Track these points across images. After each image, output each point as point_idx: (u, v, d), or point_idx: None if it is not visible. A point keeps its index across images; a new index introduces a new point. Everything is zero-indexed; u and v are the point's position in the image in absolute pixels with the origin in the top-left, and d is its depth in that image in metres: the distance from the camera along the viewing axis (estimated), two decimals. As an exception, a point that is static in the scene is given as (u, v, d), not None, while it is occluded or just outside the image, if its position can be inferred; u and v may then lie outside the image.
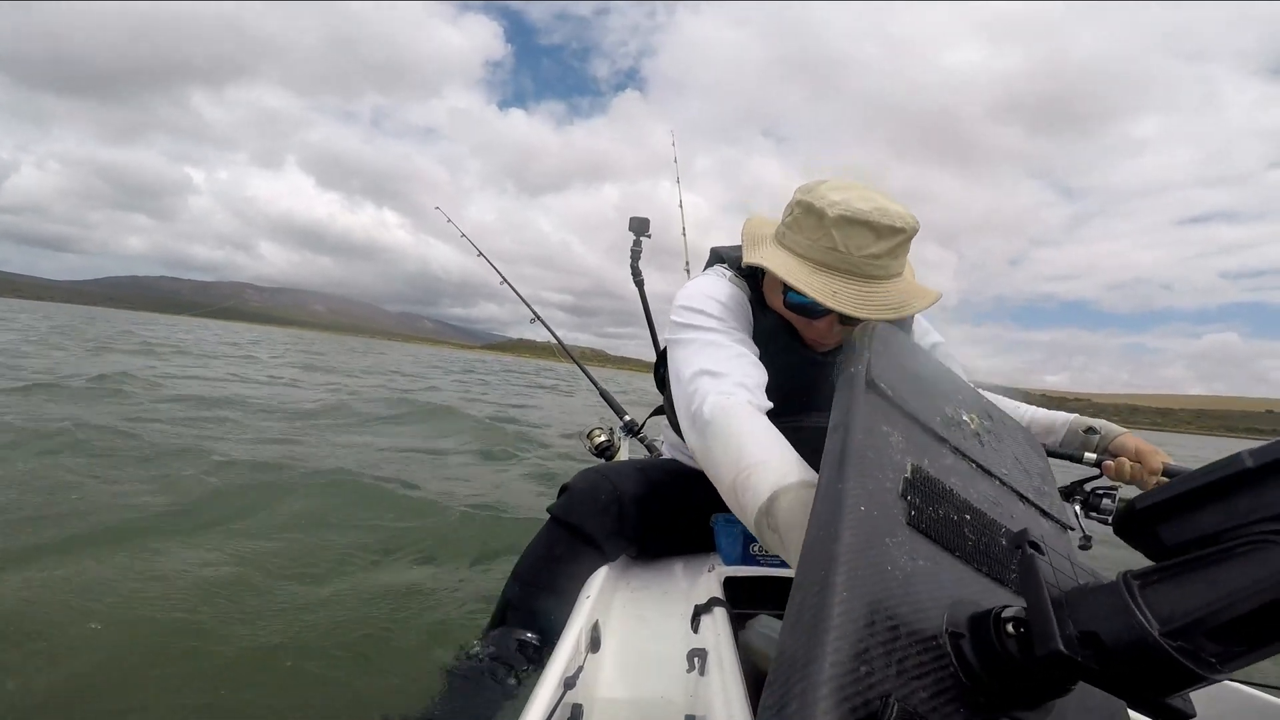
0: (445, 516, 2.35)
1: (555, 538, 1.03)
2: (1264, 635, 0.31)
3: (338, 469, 2.93)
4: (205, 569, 1.60)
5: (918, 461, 0.54)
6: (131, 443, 2.94)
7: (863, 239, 0.85)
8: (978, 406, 0.76)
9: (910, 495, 0.49)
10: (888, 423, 0.56)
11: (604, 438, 2.12)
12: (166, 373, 6.69)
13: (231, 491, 2.35)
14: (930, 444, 0.59)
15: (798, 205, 0.92)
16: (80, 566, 1.51)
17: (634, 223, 2.18)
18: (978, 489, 0.58)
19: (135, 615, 1.32)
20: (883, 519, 0.45)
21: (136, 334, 12.40)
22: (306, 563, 1.74)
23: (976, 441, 0.67)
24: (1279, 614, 0.30)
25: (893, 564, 0.42)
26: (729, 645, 0.76)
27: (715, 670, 0.71)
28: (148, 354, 8.73)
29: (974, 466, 0.62)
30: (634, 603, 0.99)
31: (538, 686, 0.65)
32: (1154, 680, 0.32)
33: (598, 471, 1.09)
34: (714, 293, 0.97)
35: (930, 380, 0.72)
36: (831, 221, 0.85)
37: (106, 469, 2.47)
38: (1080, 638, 0.33)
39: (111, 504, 2.03)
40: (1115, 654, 0.32)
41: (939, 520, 0.49)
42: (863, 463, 0.49)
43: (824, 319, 0.93)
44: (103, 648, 1.19)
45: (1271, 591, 0.30)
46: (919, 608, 0.40)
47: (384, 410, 5.75)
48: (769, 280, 0.99)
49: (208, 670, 1.16)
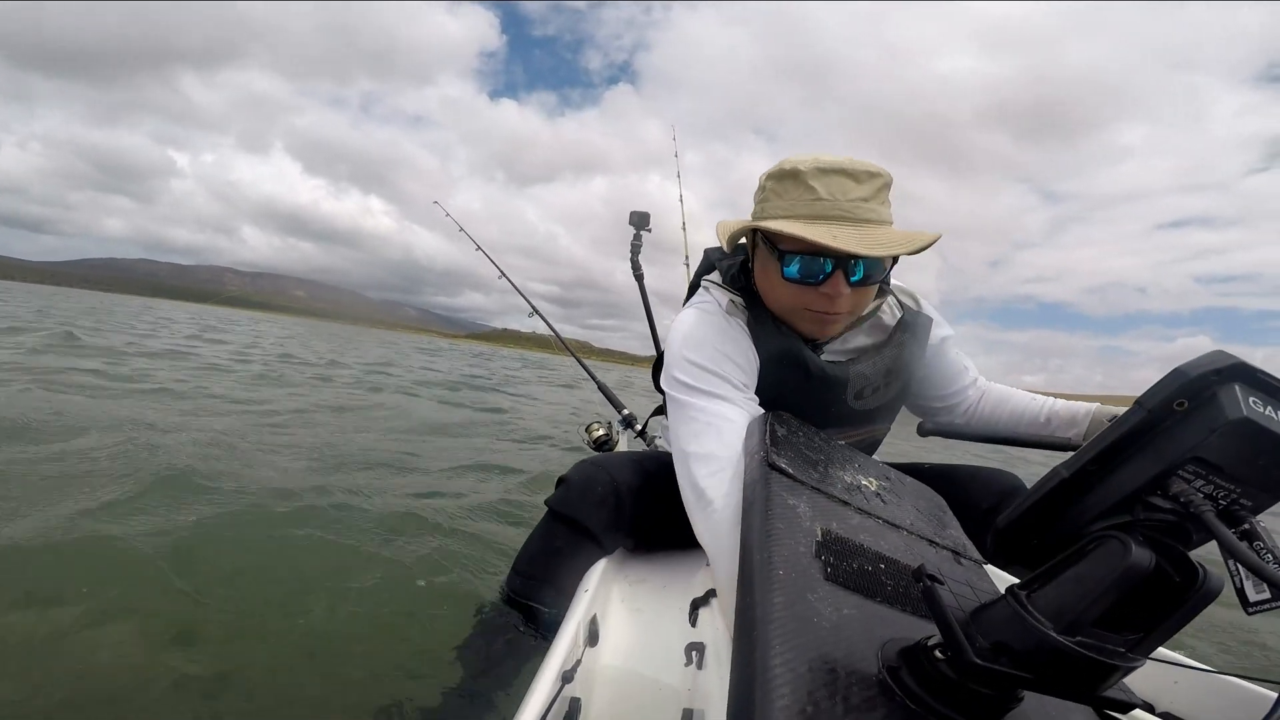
0: (442, 506, 2.34)
1: (553, 530, 1.03)
2: (1144, 618, 0.36)
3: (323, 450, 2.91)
4: (191, 559, 1.59)
5: (826, 525, 0.60)
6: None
7: (845, 185, 0.86)
8: (875, 471, 0.85)
9: (824, 555, 0.55)
10: (793, 497, 0.64)
11: (602, 431, 2.12)
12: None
13: (204, 481, 2.33)
14: (835, 508, 0.67)
15: (769, 178, 0.92)
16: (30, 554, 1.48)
17: (634, 217, 2.17)
18: (888, 540, 0.65)
19: (112, 606, 1.30)
20: (801, 578, 0.50)
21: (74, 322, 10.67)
22: (290, 551, 1.73)
23: (879, 500, 0.75)
24: (1140, 597, 0.35)
25: (818, 616, 0.46)
26: (727, 638, 0.77)
27: (713, 663, 0.72)
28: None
29: (880, 522, 0.69)
30: (632, 596, 1.00)
31: (535, 680, 0.65)
32: (1078, 676, 0.35)
33: (594, 463, 1.09)
34: (711, 340, 0.94)
35: (826, 456, 0.81)
36: (809, 175, 0.86)
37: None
38: (992, 648, 0.37)
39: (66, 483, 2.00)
40: (1027, 657, 0.36)
41: (855, 572, 0.55)
42: (775, 533, 0.55)
43: (830, 281, 0.88)
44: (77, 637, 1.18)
45: (1121, 579, 0.34)
46: (853, 651, 0.44)
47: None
48: (763, 274, 0.96)
49: (195, 666, 1.15)
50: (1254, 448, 0.35)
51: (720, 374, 0.91)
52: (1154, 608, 0.37)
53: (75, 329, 8.26)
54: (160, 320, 19.06)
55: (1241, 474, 0.36)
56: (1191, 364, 0.36)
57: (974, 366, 1.21)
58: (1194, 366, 0.36)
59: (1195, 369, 0.36)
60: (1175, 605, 0.36)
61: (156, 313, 22.77)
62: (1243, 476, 0.36)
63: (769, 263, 0.93)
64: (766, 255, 0.93)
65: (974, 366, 1.21)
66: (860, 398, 1.04)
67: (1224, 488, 0.36)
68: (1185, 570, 0.37)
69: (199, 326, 17.20)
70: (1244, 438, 0.35)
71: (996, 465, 1.18)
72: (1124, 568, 0.35)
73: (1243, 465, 0.36)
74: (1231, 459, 0.35)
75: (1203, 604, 0.36)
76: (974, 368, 1.21)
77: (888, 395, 1.08)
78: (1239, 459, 0.35)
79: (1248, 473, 0.36)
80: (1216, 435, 0.35)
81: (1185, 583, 0.36)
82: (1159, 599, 0.37)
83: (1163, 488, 0.36)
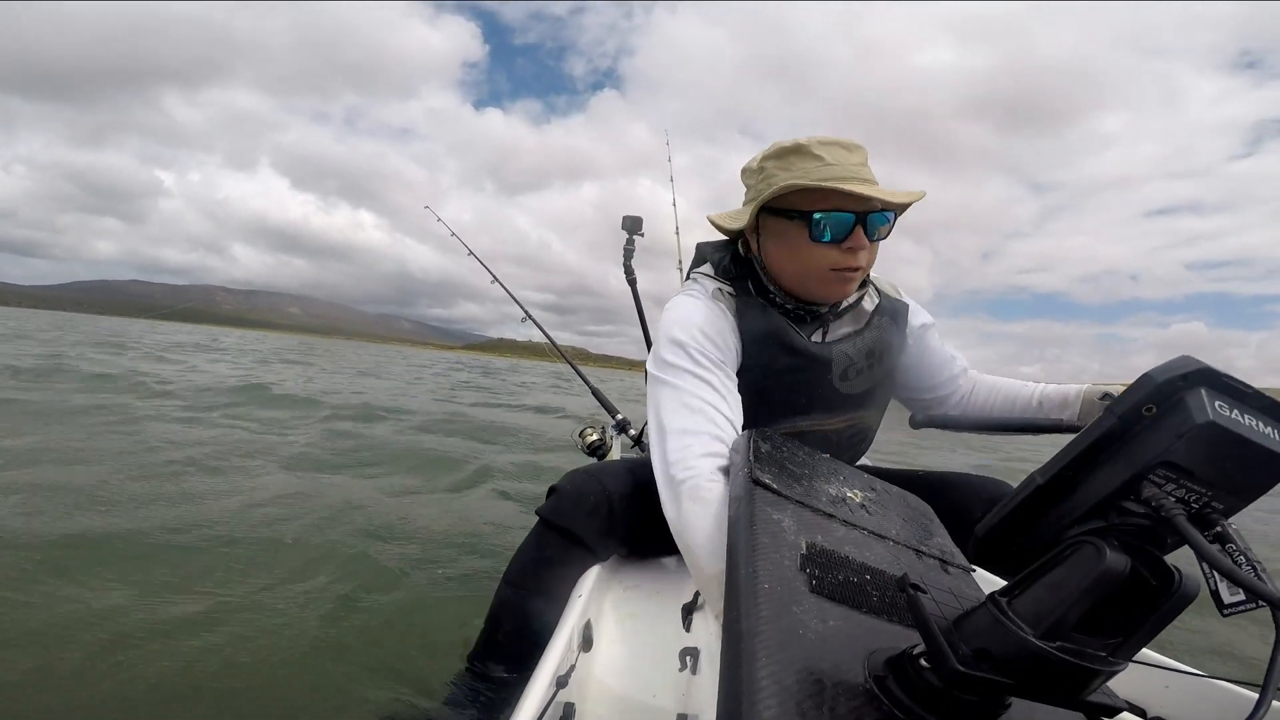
0: (431, 514, 2.34)
1: (545, 540, 1.03)
2: (1124, 622, 0.36)
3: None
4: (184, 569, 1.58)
5: (811, 539, 0.61)
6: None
7: (844, 154, 0.95)
8: (861, 482, 0.85)
9: (809, 567, 0.55)
10: (778, 511, 0.64)
11: (596, 436, 2.12)
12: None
13: (204, 494, 2.33)
14: (821, 521, 0.68)
15: (768, 159, 0.99)
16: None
17: (627, 221, 2.17)
18: (874, 551, 0.66)
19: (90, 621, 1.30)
20: (786, 591, 0.50)
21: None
22: (282, 561, 1.74)
23: (864, 512, 0.76)
24: (1119, 601, 0.36)
25: (804, 628, 0.46)
26: (720, 643, 0.76)
27: (707, 668, 0.72)
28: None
29: (865, 533, 0.70)
30: (626, 601, 1.00)
31: (529, 685, 0.65)
32: (1061, 681, 0.36)
33: (585, 472, 1.09)
34: (694, 320, 0.98)
35: (811, 470, 0.83)
36: (813, 146, 0.94)
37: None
38: (975, 655, 0.37)
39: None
40: (1009, 663, 0.36)
41: (840, 584, 0.55)
42: (760, 548, 0.56)
43: (854, 235, 0.94)
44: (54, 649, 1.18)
45: (1097, 584, 0.35)
46: (839, 662, 0.44)
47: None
48: (779, 247, 1.00)
49: (186, 672, 1.15)
50: (1222, 451, 0.36)
51: (702, 353, 0.95)
52: (1133, 612, 0.37)
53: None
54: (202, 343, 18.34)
55: (1212, 477, 0.36)
56: (1158, 369, 0.37)
57: (963, 358, 1.22)
58: (1160, 372, 0.36)
59: (1161, 374, 0.36)
60: (1153, 609, 0.37)
61: (172, 337, 22.26)
62: (1213, 480, 0.36)
63: (788, 232, 0.97)
64: (784, 227, 0.97)
65: (963, 358, 1.22)
66: (845, 379, 1.05)
67: (1196, 491, 0.37)
68: (1161, 574, 0.37)
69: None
70: (1211, 442, 0.35)
71: (995, 467, 1.18)
72: (1099, 573, 0.35)
73: (1212, 469, 0.36)
74: (1201, 463, 0.36)
75: (1179, 607, 0.36)
76: (963, 359, 1.22)
77: (873, 379, 1.09)
78: (1208, 463, 0.36)
79: (1217, 476, 0.36)
80: (1185, 440, 0.35)
81: (1161, 586, 0.37)
82: (1137, 603, 0.37)
83: (1135, 492, 0.37)
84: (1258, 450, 0.36)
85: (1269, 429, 0.37)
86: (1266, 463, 0.37)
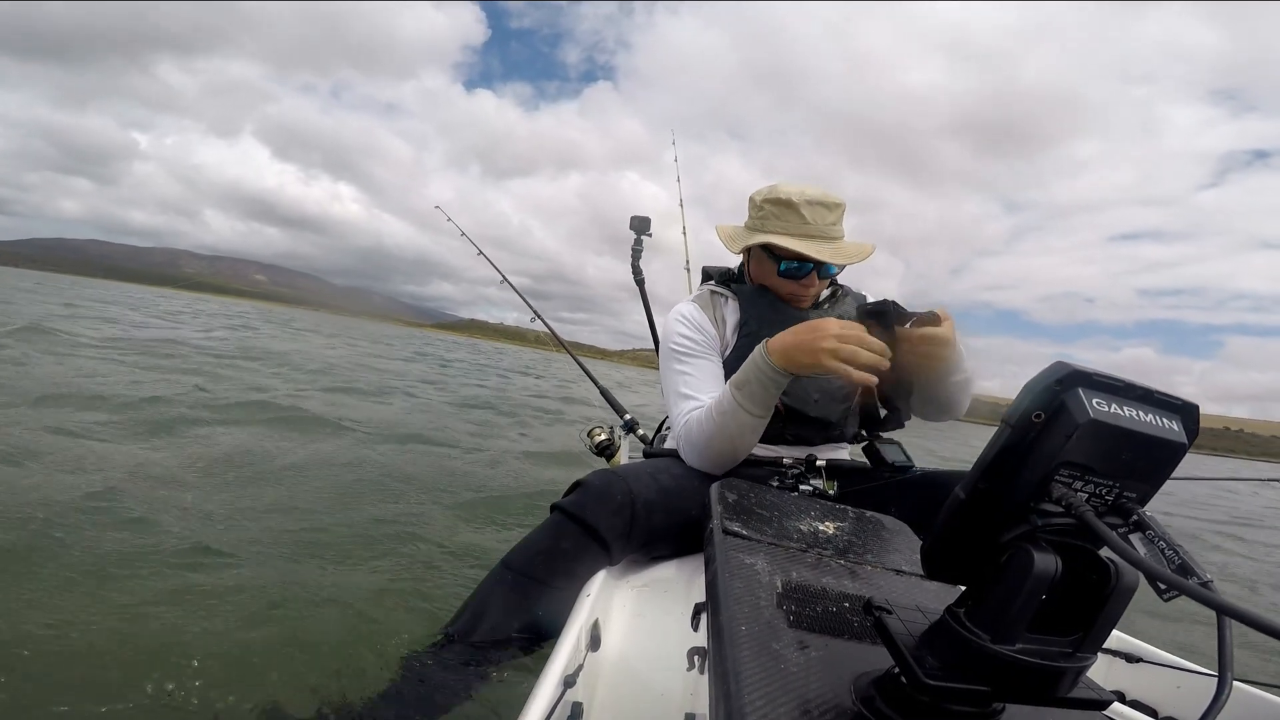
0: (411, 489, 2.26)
1: (563, 531, 1.02)
2: (1070, 617, 0.38)
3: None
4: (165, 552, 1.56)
5: (786, 576, 0.63)
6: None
7: (823, 213, 1.26)
8: (834, 514, 0.92)
9: (785, 604, 0.58)
10: (750, 555, 0.67)
11: (604, 436, 2.12)
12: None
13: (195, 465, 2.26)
14: (795, 557, 0.70)
15: (767, 202, 1.29)
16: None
17: (635, 221, 2.16)
18: (853, 578, 0.67)
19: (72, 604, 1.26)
20: (764, 630, 0.53)
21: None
22: (254, 539, 1.70)
23: (840, 541, 0.78)
24: (1069, 599, 0.38)
25: (785, 661, 0.48)
26: None
27: (715, 668, 0.72)
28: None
29: (843, 563, 0.71)
30: (634, 601, 1.00)
31: (537, 684, 0.65)
32: (1031, 680, 0.38)
33: (613, 473, 1.09)
34: (687, 316, 1.34)
35: (781, 511, 0.85)
36: (801, 205, 1.25)
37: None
38: (944, 667, 0.39)
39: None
40: (976, 670, 0.38)
41: (820, 615, 0.57)
42: (734, 593, 0.58)
43: (809, 276, 1.29)
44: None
45: (1034, 586, 0.36)
46: (824, 689, 0.46)
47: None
48: (759, 268, 1.36)
49: (157, 656, 1.13)
50: (1111, 445, 0.37)
51: (693, 343, 1.30)
52: (1083, 607, 0.38)
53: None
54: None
55: (1112, 470, 0.38)
56: (1036, 378, 0.38)
57: None
58: (1038, 380, 0.37)
59: (1039, 383, 0.37)
60: (1101, 602, 0.38)
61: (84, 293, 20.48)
62: (1114, 472, 0.38)
63: (765, 263, 1.32)
64: (764, 257, 1.32)
65: None
66: None
67: (1104, 484, 0.38)
68: (1099, 568, 0.39)
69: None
70: (1099, 437, 0.36)
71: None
72: (1032, 575, 0.36)
73: (1109, 462, 0.37)
74: (1097, 458, 0.37)
75: (1125, 598, 0.38)
76: None
77: None
78: (1103, 457, 0.37)
79: (1117, 468, 0.38)
80: (1074, 439, 0.36)
81: (1100, 580, 0.38)
82: (1085, 598, 0.39)
83: (1046, 494, 0.38)
84: (1144, 438, 0.37)
85: (1149, 416, 0.38)
86: (1157, 447, 0.38)
